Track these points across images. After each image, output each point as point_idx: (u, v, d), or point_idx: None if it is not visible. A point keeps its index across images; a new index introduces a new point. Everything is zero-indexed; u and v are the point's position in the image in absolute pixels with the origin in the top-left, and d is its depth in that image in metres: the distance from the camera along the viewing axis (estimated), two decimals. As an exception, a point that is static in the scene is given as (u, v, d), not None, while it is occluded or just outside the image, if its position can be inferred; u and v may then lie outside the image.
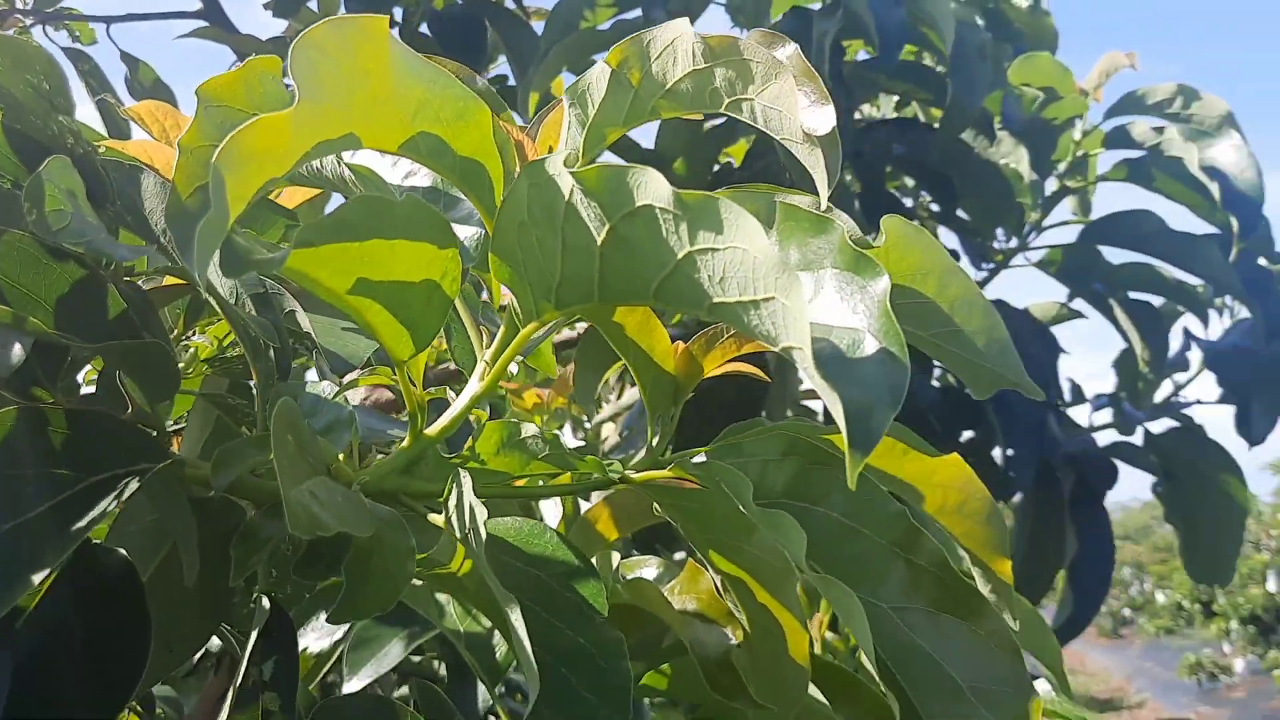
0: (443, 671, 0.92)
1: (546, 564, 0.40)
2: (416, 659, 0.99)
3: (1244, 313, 1.22)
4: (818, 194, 0.86)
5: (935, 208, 1.23)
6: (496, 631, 0.76)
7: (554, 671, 0.35)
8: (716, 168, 1.27)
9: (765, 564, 0.44)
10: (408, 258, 0.37)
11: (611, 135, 0.43)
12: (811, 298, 0.32)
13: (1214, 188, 1.00)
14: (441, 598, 0.71)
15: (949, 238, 1.34)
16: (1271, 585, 11.13)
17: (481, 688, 0.80)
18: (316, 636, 0.95)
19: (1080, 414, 1.34)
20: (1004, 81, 1.11)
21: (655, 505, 0.51)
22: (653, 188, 0.31)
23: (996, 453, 1.28)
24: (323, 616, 0.99)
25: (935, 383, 1.26)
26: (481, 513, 0.35)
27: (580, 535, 0.66)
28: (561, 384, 1.31)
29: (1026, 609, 0.79)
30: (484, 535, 0.35)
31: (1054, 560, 1.22)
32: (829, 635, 0.89)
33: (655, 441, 0.45)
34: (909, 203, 1.28)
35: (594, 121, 0.42)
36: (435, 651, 1.03)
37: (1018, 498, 1.31)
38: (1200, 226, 1.14)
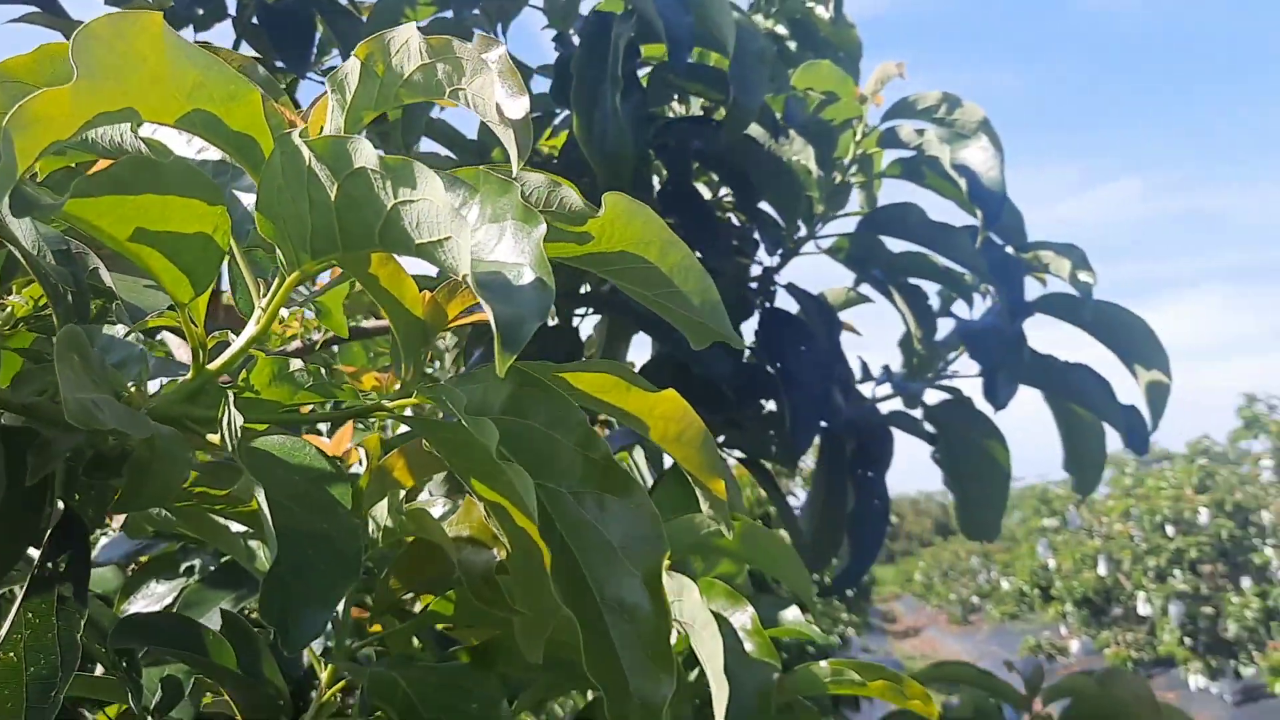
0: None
1: (306, 471, 0.48)
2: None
3: (1005, 297, 1.37)
4: (604, 178, 0.97)
5: (735, 200, 1.34)
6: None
7: (300, 548, 0.43)
8: (538, 159, 1.36)
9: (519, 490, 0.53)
10: (180, 212, 0.45)
11: (367, 117, 0.51)
12: (497, 242, 0.41)
13: (963, 183, 1.14)
14: (253, 544, 0.78)
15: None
16: (1102, 569, 11.81)
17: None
18: (145, 603, 1.00)
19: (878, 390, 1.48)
20: (787, 85, 1.23)
21: (423, 441, 0.60)
22: (365, 154, 0.40)
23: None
24: (152, 584, 1.05)
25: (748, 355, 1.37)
26: (239, 419, 0.43)
27: (377, 481, 0.74)
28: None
29: (779, 542, 0.91)
30: (240, 435, 0.43)
31: (842, 519, 1.35)
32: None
33: (408, 376, 0.54)
34: (713, 194, 1.40)
35: (351, 105, 0.50)
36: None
37: (812, 466, 1.44)
38: (965, 219, 1.28)
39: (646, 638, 0.41)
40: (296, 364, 0.51)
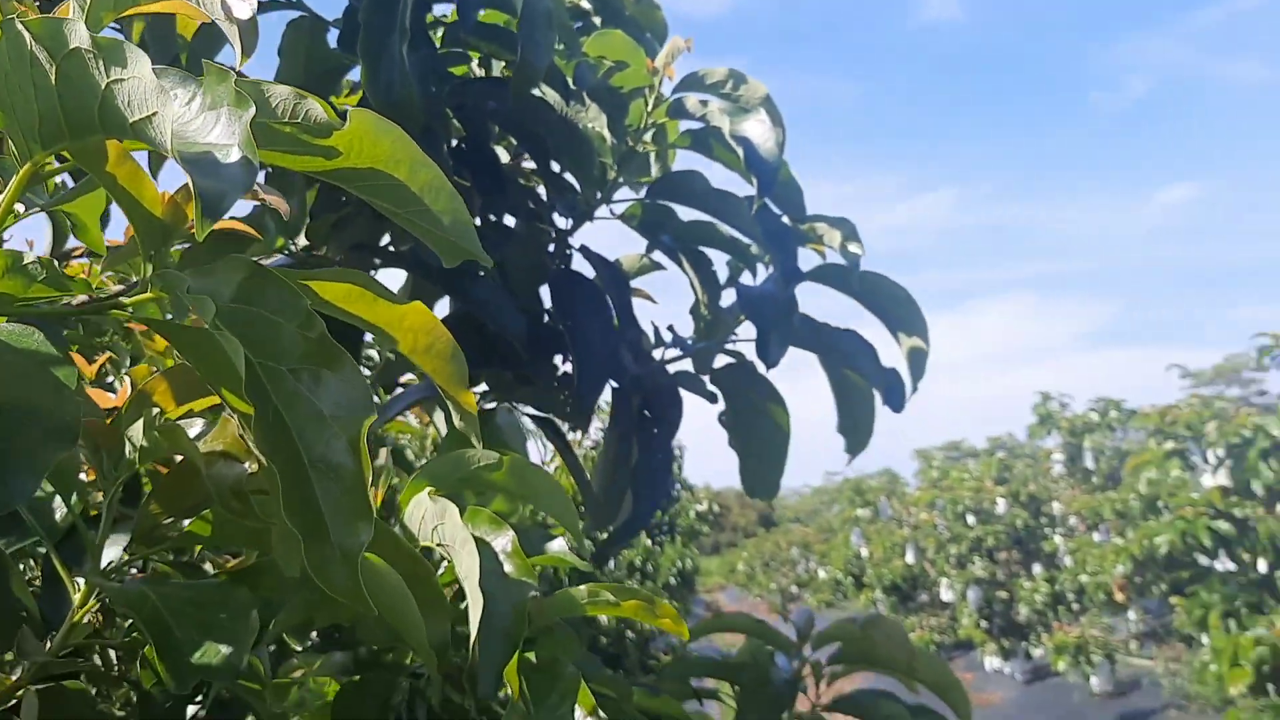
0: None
1: (33, 355, 0.49)
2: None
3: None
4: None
5: (533, 164, 1.38)
6: (57, 495, 0.83)
7: (14, 420, 0.45)
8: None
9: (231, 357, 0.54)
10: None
11: (107, 18, 0.53)
12: (213, 126, 0.43)
13: (741, 152, 1.21)
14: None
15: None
16: (910, 557, 12.42)
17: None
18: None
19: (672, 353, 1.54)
20: (579, 52, 1.27)
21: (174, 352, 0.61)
22: (80, 35, 0.42)
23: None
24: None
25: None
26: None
27: (136, 404, 0.75)
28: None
29: (548, 480, 0.95)
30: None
31: (628, 476, 1.40)
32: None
33: (146, 274, 0.55)
34: (513, 159, 1.43)
35: (91, 6, 0.52)
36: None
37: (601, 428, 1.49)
38: (750, 191, 1.35)
39: (348, 491, 0.45)
40: (30, 257, 0.52)
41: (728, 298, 1.37)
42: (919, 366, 1.35)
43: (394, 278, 1.49)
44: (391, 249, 1.37)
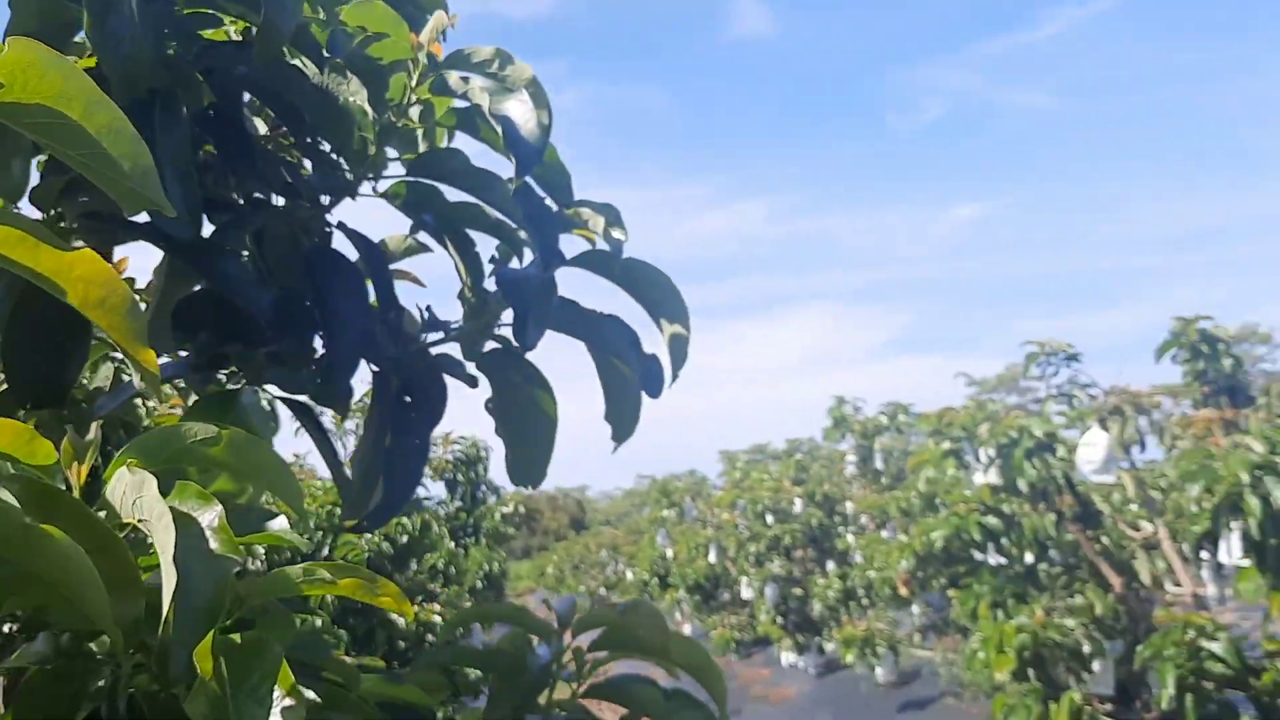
0: None
1: None
2: None
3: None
4: (119, 86, 0.92)
5: (291, 135, 1.33)
6: None
7: None
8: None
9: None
10: None
11: None
12: None
13: (500, 130, 1.19)
14: None
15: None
16: (713, 557, 12.68)
17: None
18: None
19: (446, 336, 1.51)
20: (337, 21, 1.23)
21: None
22: None
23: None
24: None
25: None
26: None
27: None
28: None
29: (270, 455, 0.91)
30: None
31: (384, 458, 1.36)
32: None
33: None
34: (272, 130, 1.37)
35: None
36: None
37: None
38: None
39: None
40: None
41: (495, 282, 1.35)
42: (680, 354, 1.37)
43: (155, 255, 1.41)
44: (136, 220, 1.29)
